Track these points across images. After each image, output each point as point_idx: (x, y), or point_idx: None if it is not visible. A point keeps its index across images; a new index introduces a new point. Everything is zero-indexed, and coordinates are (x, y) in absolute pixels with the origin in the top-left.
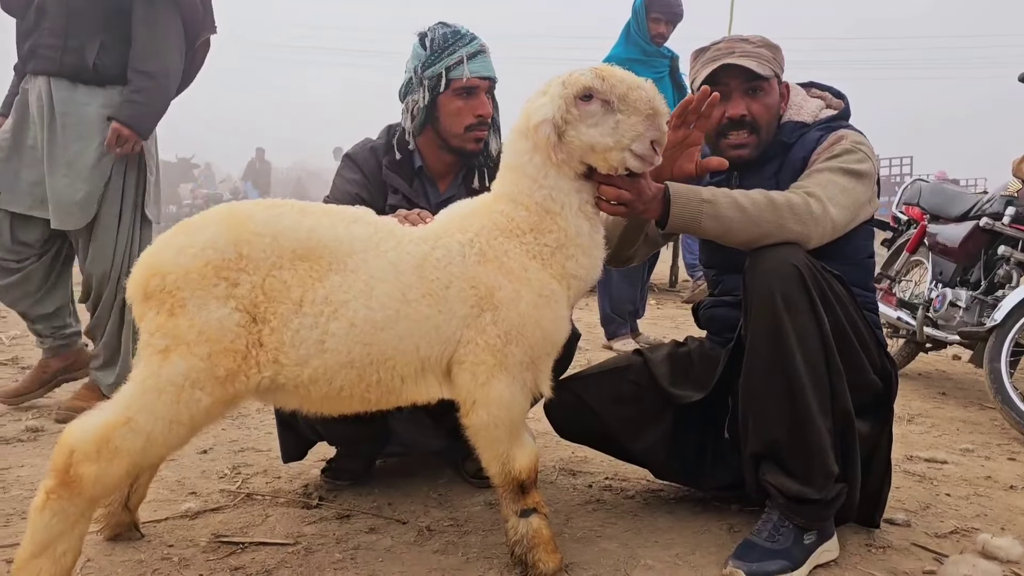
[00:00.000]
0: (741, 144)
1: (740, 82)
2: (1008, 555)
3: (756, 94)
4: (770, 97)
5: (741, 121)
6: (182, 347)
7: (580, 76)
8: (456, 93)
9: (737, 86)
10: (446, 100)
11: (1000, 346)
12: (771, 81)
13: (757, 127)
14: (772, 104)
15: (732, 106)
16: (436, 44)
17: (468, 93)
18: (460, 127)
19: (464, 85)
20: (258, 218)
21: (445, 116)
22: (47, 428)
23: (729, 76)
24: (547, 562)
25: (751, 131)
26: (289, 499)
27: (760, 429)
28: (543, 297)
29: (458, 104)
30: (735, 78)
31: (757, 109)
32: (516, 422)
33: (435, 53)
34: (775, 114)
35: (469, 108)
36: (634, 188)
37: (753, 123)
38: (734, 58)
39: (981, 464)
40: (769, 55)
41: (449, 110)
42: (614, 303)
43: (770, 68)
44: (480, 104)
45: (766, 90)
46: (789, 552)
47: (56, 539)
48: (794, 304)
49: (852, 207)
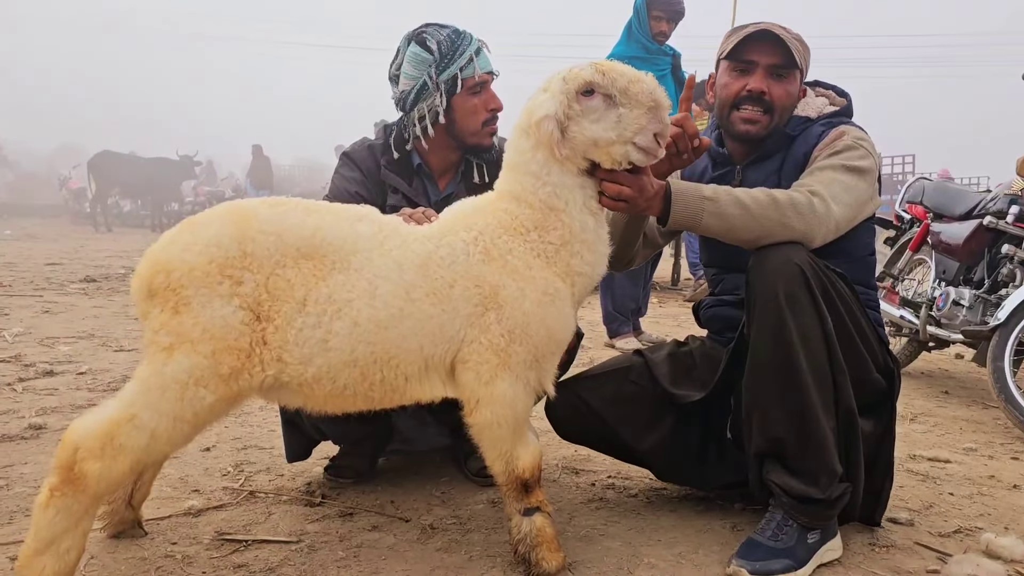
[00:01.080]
0: (753, 120)
1: (769, 61)
2: (1012, 554)
3: (780, 78)
4: (791, 85)
5: (759, 98)
6: (186, 344)
7: (581, 71)
8: (470, 92)
9: (764, 64)
10: (461, 100)
11: (1003, 345)
12: (797, 71)
13: (772, 107)
14: (792, 92)
15: (755, 80)
16: (444, 47)
17: (480, 89)
18: (477, 124)
19: (477, 82)
20: (263, 216)
21: (462, 116)
22: (50, 425)
23: (759, 52)
24: (550, 560)
25: (765, 110)
26: (292, 497)
27: (763, 428)
28: (547, 296)
29: (473, 102)
30: (766, 55)
31: (777, 92)
32: (520, 421)
33: (446, 56)
34: (791, 105)
35: (483, 103)
36: (636, 184)
37: (770, 103)
38: (775, 29)
39: (984, 463)
40: (801, 49)
41: (465, 109)
42: (616, 301)
43: (800, 59)
44: (491, 98)
45: (789, 78)
46: (793, 551)
47: (60, 536)
48: (797, 303)
49: (854, 204)
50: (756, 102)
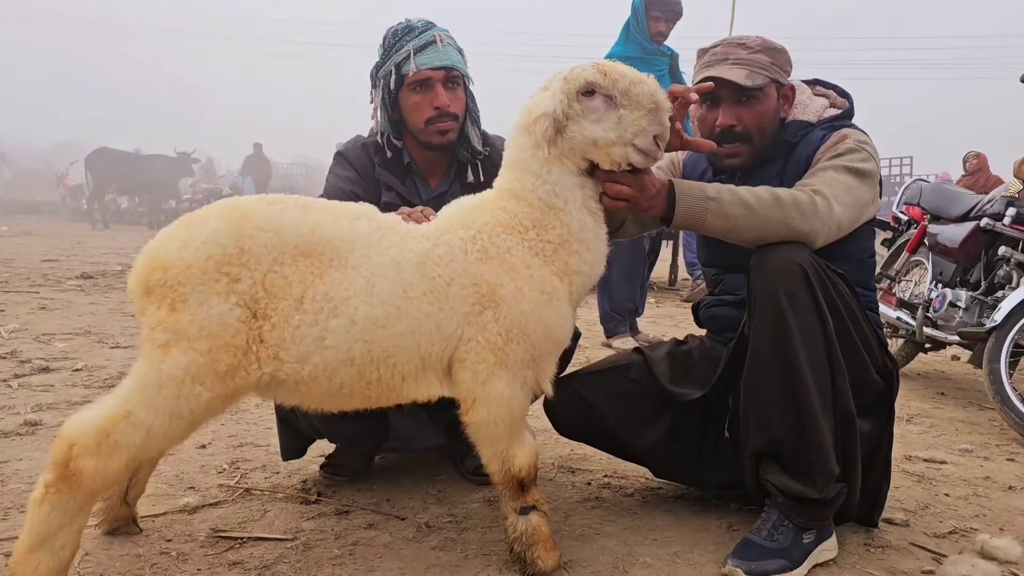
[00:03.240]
0: (734, 154)
1: (730, 92)
2: (1007, 555)
3: (747, 103)
4: (763, 104)
5: (731, 132)
6: (183, 342)
7: (582, 71)
8: (411, 88)
9: (727, 96)
10: (404, 96)
11: (1000, 347)
12: (764, 89)
13: (748, 136)
14: (766, 111)
15: (722, 115)
16: (387, 42)
17: (422, 86)
18: (420, 121)
19: (416, 79)
20: (260, 213)
21: (406, 112)
22: (45, 422)
23: (720, 86)
24: (546, 559)
25: (743, 141)
26: (288, 494)
27: (762, 427)
28: (545, 294)
29: (415, 99)
30: (725, 88)
31: (748, 118)
32: (516, 420)
33: (386, 51)
34: (771, 120)
35: (426, 101)
36: (637, 183)
37: (744, 133)
38: (725, 67)
39: (980, 464)
40: (766, 60)
41: (408, 106)
42: (614, 301)
43: (764, 75)
44: (436, 96)
45: (758, 98)
46: (788, 551)
47: (55, 533)
48: (798, 303)
49: (856, 206)
50: (731, 137)
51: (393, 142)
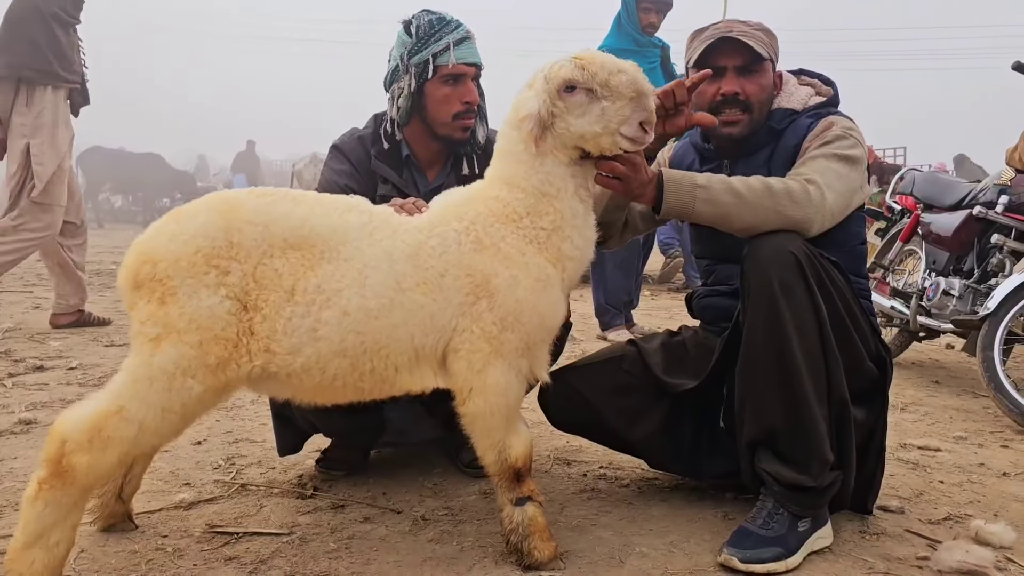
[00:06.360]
0: (733, 121)
1: (736, 63)
2: (1001, 541)
3: (751, 74)
4: (764, 78)
5: (735, 99)
6: (173, 335)
7: (560, 69)
8: (443, 80)
9: (733, 66)
10: (433, 87)
11: (993, 335)
12: (766, 63)
13: (750, 105)
14: (766, 85)
15: (726, 83)
16: (422, 31)
17: (455, 80)
18: (448, 115)
19: (451, 72)
20: (250, 206)
21: (432, 104)
22: (40, 420)
23: (725, 56)
24: (542, 550)
25: (743, 109)
26: (283, 489)
27: (756, 416)
28: (540, 282)
29: (445, 91)
30: (731, 57)
31: (751, 88)
32: (512, 409)
33: (421, 40)
34: (768, 96)
35: (457, 95)
36: (630, 161)
37: (746, 102)
38: (733, 35)
39: (974, 451)
40: (766, 39)
41: (436, 97)
42: (609, 294)
43: (766, 50)
44: (467, 91)
45: (761, 71)
46: (783, 539)
47: (49, 529)
48: (792, 291)
49: (847, 193)
50: (733, 104)
51: (397, 132)
